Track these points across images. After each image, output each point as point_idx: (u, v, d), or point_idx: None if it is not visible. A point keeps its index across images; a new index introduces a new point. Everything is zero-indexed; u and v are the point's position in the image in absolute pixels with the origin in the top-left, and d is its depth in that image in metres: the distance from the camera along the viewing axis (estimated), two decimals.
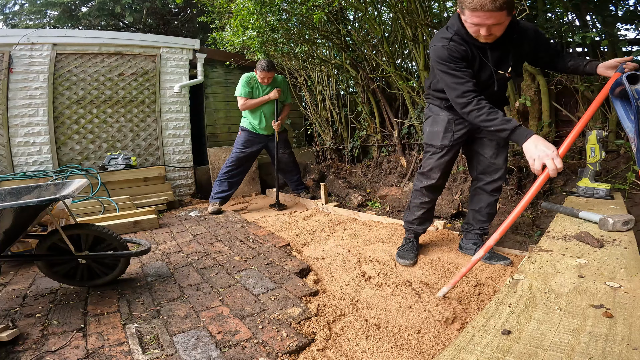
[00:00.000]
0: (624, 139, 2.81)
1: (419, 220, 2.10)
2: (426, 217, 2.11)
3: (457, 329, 1.41)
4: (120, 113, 4.07)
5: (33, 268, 2.12)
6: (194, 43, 4.41)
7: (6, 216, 1.41)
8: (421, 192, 2.03)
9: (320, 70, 4.68)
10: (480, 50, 1.62)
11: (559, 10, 3.11)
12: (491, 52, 1.63)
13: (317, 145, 5.20)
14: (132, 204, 3.59)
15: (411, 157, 4.06)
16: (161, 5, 8.08)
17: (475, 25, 1.45)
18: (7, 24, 8.27)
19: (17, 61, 3.58)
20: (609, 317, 0.86)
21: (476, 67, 1.66)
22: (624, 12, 2.95)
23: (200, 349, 1.26)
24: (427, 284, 1.78)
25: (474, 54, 1.63)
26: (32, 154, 3.63)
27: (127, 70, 4.11)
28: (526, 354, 0.75)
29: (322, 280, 1.89)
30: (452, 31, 1.61)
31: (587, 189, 2.12)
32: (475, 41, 1.58)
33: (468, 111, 1.57)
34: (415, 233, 2.14)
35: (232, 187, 3.60)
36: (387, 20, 4.21)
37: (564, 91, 3.17)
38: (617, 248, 1.32)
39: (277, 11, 3.56)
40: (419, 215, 2.08)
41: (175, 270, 2.03)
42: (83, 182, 1.76)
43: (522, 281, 1.09)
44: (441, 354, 0.77)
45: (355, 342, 1.33)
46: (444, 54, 1.60)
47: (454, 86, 1.60)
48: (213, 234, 2.74)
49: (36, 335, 1.37)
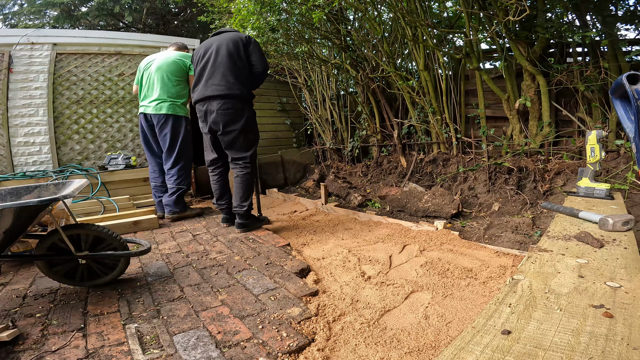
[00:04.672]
0: (624, 139, 2.81)
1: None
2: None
3: (457, 328, 1.41)
4: (120, 113, 4.07)
5: (33, 268, 2.12)
6: (194, 43, 4.41)
7: (6, 216, 1.41)
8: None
9: (320, 70, 4.68)
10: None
11: (559, 10, 3.11)
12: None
13: (317, 145, 5.20)
14: (132, 204, 3.60)
15: (411, 157, 4.06)
16: (161, 5, 8.08)
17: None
18: (6, 24, 8.27)
19: (17, 61, 3.58)
20: (609, 317, 0.86)
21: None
22: (624, 12, 2.95)
23: (200, 349, 1.26)
24: (427, 284, 1.78)
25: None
26: (32, 154, 3.63)
27: (127, 70, 4.11)
28: (526, 354, 0.75)
29: (322, 280, 1.89)
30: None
31: (587, 189, 2.12)
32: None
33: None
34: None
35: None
36: (387, 20, 4.21)
37: (564, 91, 3.18)
38: (617, 248, 1.32)
39: (277, 11, 3.56)
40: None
41: (175, 270, 2.03)
42: (83, 182, 1.76)
43: (522, 281, 1.09)
44: (441, 354, 0.77)
45: (355, 342, 1.33)
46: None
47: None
48: (213, 234, 2.74)
49: (36, 335, 1.37)
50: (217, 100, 2.53)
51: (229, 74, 2.54)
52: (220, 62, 2.55)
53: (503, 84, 3.40)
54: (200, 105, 2.63)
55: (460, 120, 3.78)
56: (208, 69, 2.58)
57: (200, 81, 2.63)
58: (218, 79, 2.54)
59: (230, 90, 2.53)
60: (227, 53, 2.56)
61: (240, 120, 2.57)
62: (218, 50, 2.58)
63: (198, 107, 2.66)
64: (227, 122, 2.55)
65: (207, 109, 2.59)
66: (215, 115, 2.55)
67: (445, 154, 3.79)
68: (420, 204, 3.03)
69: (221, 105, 2.53)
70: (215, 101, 2.54)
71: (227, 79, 2.53)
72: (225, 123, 2.55)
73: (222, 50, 2.57)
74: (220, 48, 2.58)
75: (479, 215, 2.90)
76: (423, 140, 4.02)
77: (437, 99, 3.72)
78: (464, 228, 2.64)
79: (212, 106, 2.55)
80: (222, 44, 2.59)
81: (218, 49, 2.58)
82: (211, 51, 2.60)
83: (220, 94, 2.52)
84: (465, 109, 3.83)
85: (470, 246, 2.26)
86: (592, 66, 2.92)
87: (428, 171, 3.82)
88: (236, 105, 2.56)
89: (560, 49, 3.23)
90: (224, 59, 2.55)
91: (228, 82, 2.53)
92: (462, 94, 3.79)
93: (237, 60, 2.57)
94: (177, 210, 3.21)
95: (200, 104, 2.63)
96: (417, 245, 2.31)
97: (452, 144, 3.76)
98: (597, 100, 2.99)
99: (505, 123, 3.58)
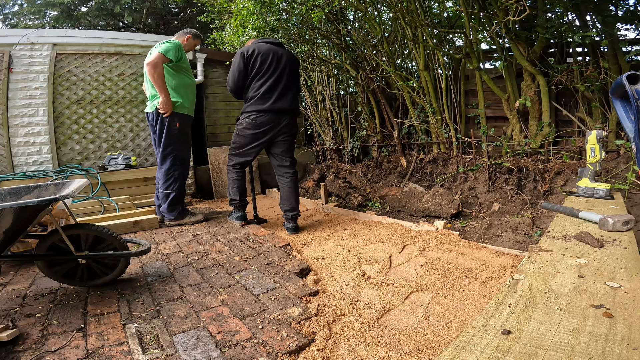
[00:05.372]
0: (624, 139, 2.81)
1: None
2: None
3: (457, 328, 1.41)
4: (120, 113, 4.07)
5: (33, 268, 2.12)
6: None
7: (6, 216, 1.41)
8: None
9: (320, 70, 4.68)
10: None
11: (559, 10, 3.11)
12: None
13: (317, 145, 5.20)
14: (132, 204, 3.60)
15: (411, 157, 4.06)
16: (161, 5, 8.08)
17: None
18: (6, 24, 8.27)
19: (17, 61, 3.58)
20: (609, 317, 0.86)
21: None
22: (624, 12, 2.95)
23: (200, 349, 1.26)
24: (427, 284, 1.78)
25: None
26: (32, 154, 3.63)
27: (127, 70, 4.11)
28: (526, 354, 0.75)
29: (322, 280, 1.89)
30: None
31: (587, 189, 2.12)
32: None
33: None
34: None
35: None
36: (387, 20, 4.21)
37: (564, 91, 3.18)
38: (617, 248, 1.32)
39: (277, 11, 3.56)
40: None
41: (175, 270, 2.03)
42: (83, 182, 1.75)
43: (522, 281, 1.09)
44: (441, 354, 0.77)
45: (355, 342, 1.33)
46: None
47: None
48: (213, 234, 2.74)
49: (36, 335, 1.37)
50: (289, 114, 2.78)
51: (295, 91, 2.84)
52: (290, 79, 2.77)
53: (503, 84, 3.39)
54: (271, 115, 2.72)
55: (460, 120, 3.78)
56: (284, 81, 2.73)
57: (274, 91, 2.72)
58: (292, 94, 2.79)
59: (297, 107, 2.87)
60: (294, 70, 2.80)
61: (295, 129, 2.91)
62: (290, 65, 2.76)
63: (266, 116, 2.72)
64: (293, 132, 2.85)
65: (276, 120, 2.73)
66: (283, 127, 2.76)
67: (445, 154, 3.79)
68: (420, 204, 3.03)
69: (291, 118, 2.81)
70: (288, 115, 2.78)
71: (295, 96, 2.84)
72: (292, 133, 2.84)
73: (292, 66, 2.79)
74: (290, 63, 2.77)
75: (479, 215, 2.90)
76: (423, 140, 4.02)
77: (437, 99, 3.72)
78: (464, 228, 2.64)
79: (283, 118, 2.75)
80: (289, 59, 2.77)
81: (289, 64, 2.76)
82: (284, 64, 2.73)
83: (291, 108, 2.79)
84: (465, 109, 3.83)
85: (470, 246, 2.26)
86: (592, 66, 2.92)
87: (428, 171, 3.82)
88: (294, 118, 2.87)
89: (560, 49, 3.23)
90: (294, 75, 2.80)
91: (295, 99, 2.84)
92: (462, 94, 3.79)
93: (298, 81, 2.89)
94: (172, 218, 3.00)
95: (271, 114, 2.72)
96: (417, 245, 2.31)
97: (452, 144, 3.76)
98: (597, 100, 2.99)
99: (505, 123, 3.58)
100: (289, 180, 2.83)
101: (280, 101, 2.72)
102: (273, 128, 2.75)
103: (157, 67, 2.75)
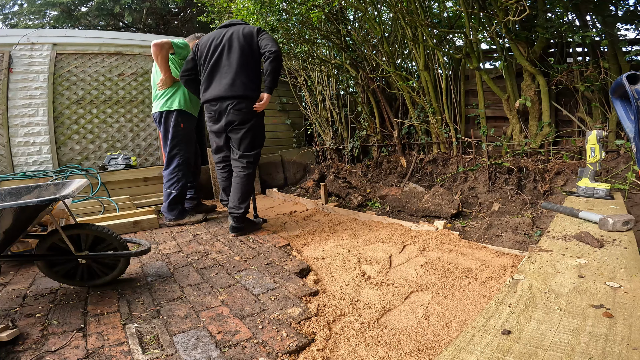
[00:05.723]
0: (624, 139, 2.81)
1: None
2: None
3: (457, 328, 1.41)
4: (120, 113, 4.07)
5: (33, 268, 2.12)
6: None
7: (6, 216, 1.41)
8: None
9: (320, 70, 4.68)
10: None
11: (559, 10, 3.11)
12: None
13: (317, 145, 5.20)
14: (132, 204, 3.60)
15: (411, 157, 4.06)
16: (161, 5, 8.08)
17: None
18: (6, 24, 8.27)
19: (17, 61, 3.58)
20: (609, 317, 0.86)
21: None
22: (624, 12, 2.95)
23: (200, 349, 1.26)
24: (427, 284, 1.78)
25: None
26: (32, 154, 3.64)
27: (127, 70, 4.11)
28: (526, 354, 0.75)
29: (322, 280, 1.89)
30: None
31: (587, 189, 2.12)
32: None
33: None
34: None
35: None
36: (387, 20, 4.21)
37: (564, 91, 3.18)
38: (617, 248, 1.32)
39: (277, 11, 3.56)
40: None
41: (175, 270, 2.03)
42: (83, 182, 1.76)
43: (522, 281, 1.09)
44: (441, 354, 0.77)
45: (355, 342, 1.33)
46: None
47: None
48: (213, 234, 2.74)
49: (36, 335, 1.37)
50: (230, 100, 2.51)
51: (242, 73, 2.50)
52: (233, 60, 2.48)
53: (503, 84, 3.39)
54: (212, 105, 2.58)
55: (460, 120, 3.78)
56: (222, 64, 2.50)
57: (212, 79, 2.55)
58: (231, 77, 2.48)
59: (244, 92, 2.51)
60: (239, 49, 2.48)
61: (251, 120, 2.58)
62: (230, 46, 2.49)
63: (209, 106, 2.60)
64: (241, 120, 2.55)
65: (219, 109, 2.55)
66: (229, 115, 2.54)
67: (445, 154, 3.79)
68: (420, 204, 3.03)
69: (235, 105, 2.51)
70: (228, 101, 2.51)
71: (242, 79, 2.49)
72: (240, 121, 2.55)
73: (239, 43, 2.48)
74: (232, 43, 2.49)
75: (479, 215, 2.90)
76: (423, 140, 4.02)
77: (437, 99, 3.72)
78: (464, 228, 2.64)
79: (225, 106, 2.53)
80: (233, 38, 2.50)
81: (235, 41, 2.49)
82: (224, 44, 2.50)
83: (234, 94, 2.49)
84: (465, 109, 3.83)
85: (470, 246, 2.26)
86: (592, 66, 2.92)
87: (428, 171, 3.82)
88: (248, 105, 2.54)
89: (560, 49, 3.23)
90: (239, 52, 2.48)
91: (242, 83, 2.50)
92: (462, 94, 3.79)
93: (249, 57, 2.51)
94: (172, 218, 3.04)
95: (212, 103, 2.57)
96: (417, 245, 2.31)
97: (452, 144, 3.76)
98: (597, 100, 2.99)
99: (505, 123, 3.58)
100: (235, 175, 2.66)
101: (214, 89, 2.52)
102: (216, 119, 2.59)
103: (162, 48, 2.85)
